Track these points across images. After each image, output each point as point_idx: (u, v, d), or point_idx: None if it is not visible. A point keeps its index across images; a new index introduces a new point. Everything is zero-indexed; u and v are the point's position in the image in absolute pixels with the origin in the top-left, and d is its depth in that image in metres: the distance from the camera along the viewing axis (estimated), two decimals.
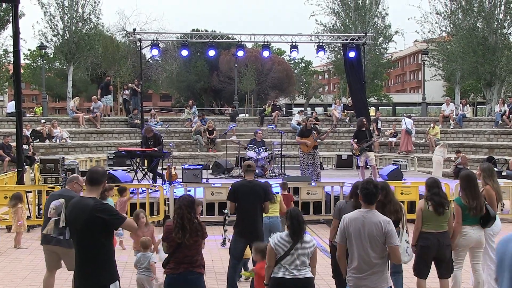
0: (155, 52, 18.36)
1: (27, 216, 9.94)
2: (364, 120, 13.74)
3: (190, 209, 4.72)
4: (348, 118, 22.29)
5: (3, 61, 30.86)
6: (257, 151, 14.95)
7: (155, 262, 6.23)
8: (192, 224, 4.65)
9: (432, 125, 20.28)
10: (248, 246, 6.33)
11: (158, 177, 12.77)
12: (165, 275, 4.77)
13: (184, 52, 17.98)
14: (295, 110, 27.90)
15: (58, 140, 18.69)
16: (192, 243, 4.65)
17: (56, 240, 5.86)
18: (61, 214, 5.74)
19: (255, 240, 6.06)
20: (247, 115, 31.47)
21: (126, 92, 22.47)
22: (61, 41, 26.21)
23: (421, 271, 5.82)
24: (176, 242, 4.65)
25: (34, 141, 17.62)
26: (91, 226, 4.23)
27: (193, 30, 40.32)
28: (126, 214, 8.71)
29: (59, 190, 6.74)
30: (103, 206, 4.33)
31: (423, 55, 28.47)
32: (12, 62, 15.39)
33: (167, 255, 4.80)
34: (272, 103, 24.21)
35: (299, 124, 21.18)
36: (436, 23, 26.85)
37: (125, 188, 9.13)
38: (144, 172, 12.75)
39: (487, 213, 5.95)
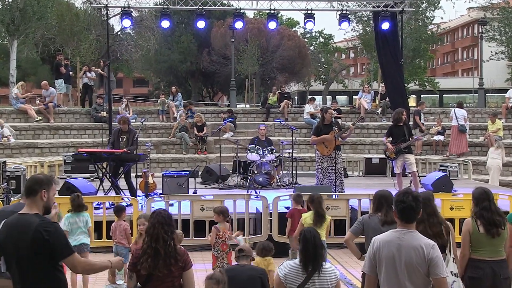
0: (127, 23, 18.35)
1: None
2: (403, 112, 13.75)
3: (167, 227, 4.70)
4: (380, 109, 22.30)
5: None
6: (261, 153, 14.97)
7: None
8: (167, 247, 4.63)
9: (492, 119, 20.25)
10: None
11: (116, 188, 12.65)
12: None
13: (165, 24, 17.98)
14: None
15: None
16: (166, 274, 4.63)
17: None
18: None
19: None
20: (247, 105, 31.49)
21: (89, 75, 22.49)
22: (0, 7, 26.25)
23: None
24: (145, 272, 4.63)
25: None
26: (37, 250, 4.18)
27: None
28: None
29: (12, 205, 6.58)
30: (51, 225, 4.29)
31: (480, 27, 28.48)
32: None
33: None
34: (279, 91, 24.23)
35: (313, 116, 21.21)
36: None
37: (123, 207, 8.87)
38: (111, 180, 12.77)
39: None
